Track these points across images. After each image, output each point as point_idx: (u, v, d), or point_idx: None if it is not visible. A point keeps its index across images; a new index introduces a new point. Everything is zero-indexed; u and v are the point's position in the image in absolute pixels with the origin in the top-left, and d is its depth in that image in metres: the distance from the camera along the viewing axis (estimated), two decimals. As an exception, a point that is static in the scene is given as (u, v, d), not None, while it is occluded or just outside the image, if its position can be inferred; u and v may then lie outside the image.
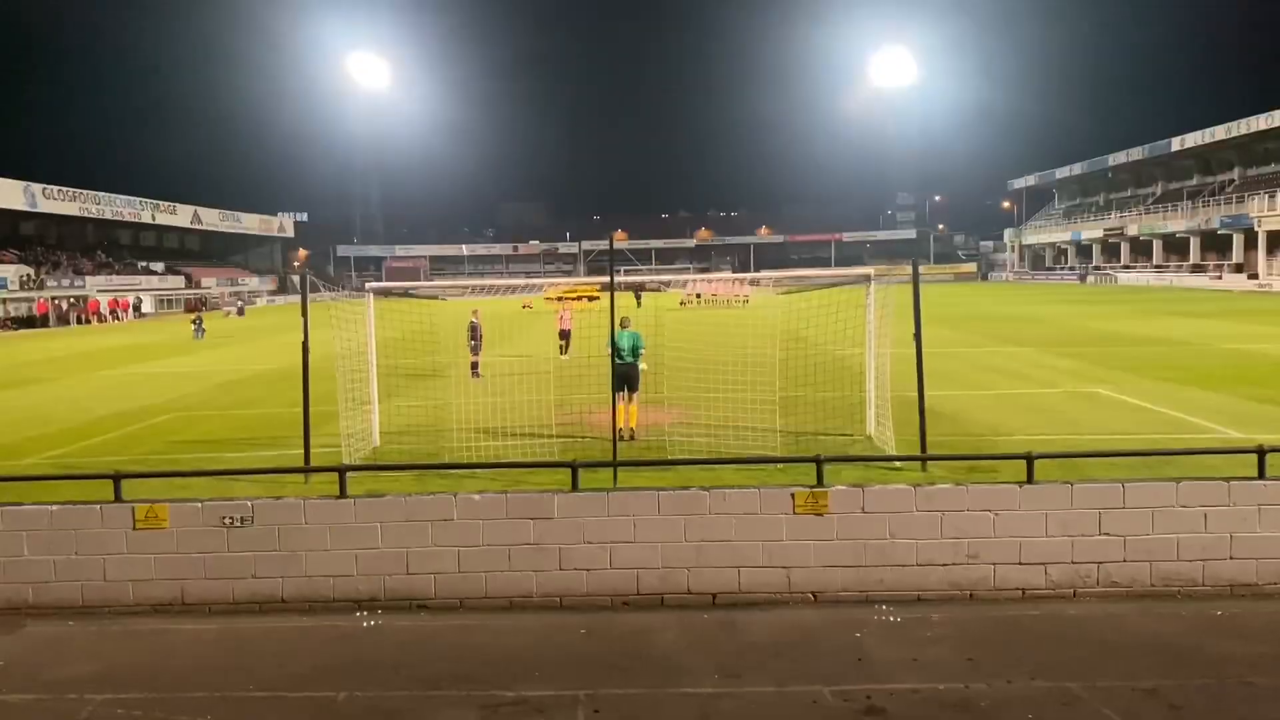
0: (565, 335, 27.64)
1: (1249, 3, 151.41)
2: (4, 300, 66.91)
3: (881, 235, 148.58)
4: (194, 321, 48.60)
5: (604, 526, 8.86)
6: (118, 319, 73.52)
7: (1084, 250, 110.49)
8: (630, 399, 15.44)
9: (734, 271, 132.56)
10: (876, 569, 8.77)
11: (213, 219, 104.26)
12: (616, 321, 12.43)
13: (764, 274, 20.11)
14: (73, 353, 39.11)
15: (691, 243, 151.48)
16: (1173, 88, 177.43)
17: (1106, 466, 11.75)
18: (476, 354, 24.44)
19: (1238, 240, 79.73)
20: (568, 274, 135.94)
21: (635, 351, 15.65)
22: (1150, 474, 10.28)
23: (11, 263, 71.91)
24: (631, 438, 15.26)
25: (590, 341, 15.42)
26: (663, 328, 16.82)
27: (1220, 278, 77.70)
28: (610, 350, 14.30)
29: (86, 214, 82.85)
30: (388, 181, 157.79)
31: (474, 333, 24.32)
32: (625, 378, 15.13)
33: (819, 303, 16.03)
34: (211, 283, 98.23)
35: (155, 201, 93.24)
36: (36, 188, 75.42)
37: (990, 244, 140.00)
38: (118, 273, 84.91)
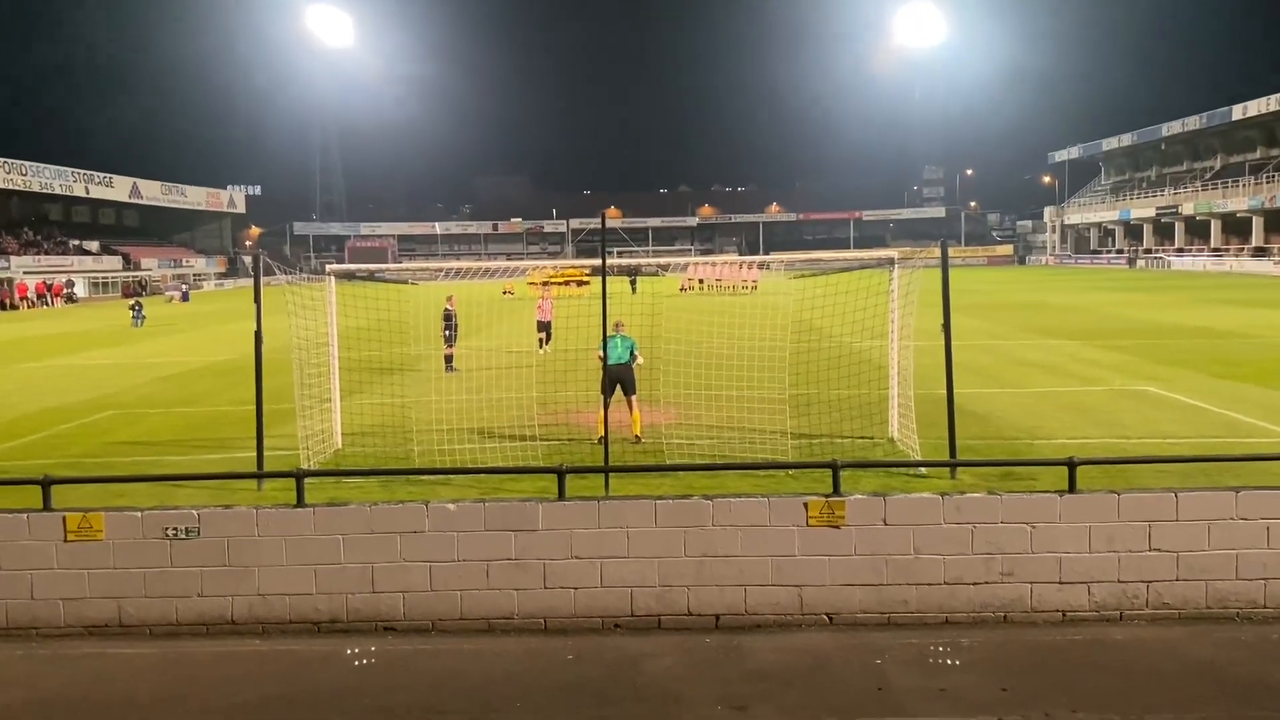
0: (545, 327, 27.54)
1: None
2: (-83, 283, 66.70)
3: (906, 214, 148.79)
4: (133, 307, 48.51)
5: (594, 539, 8.85)
6: (48, 304, 73.33)
7: (1133, 231, 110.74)
8: (630, 401, 15.45)
9: (740, 254, 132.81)
10: (899, 588, 8.78)
11: (154, 192, 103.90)
12: (609, 320, 12.36)
13: (774, 256, 20.06)
14: (-4, 342, 38.99)
15: (693, 221, 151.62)
16: (1234, 48, 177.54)
17: (1156, 474, 11.77)
18: (451, 345, 24.42)
19: (1306, 221, 80.00)
20: (554, 256, 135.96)
21: (629, 352, 15.66)
22: (1206, 482, 10.31)
23: (-75, 241, 71.68)
24: (636, 442, 15.28)
25: (578, 333, 15.40)
26: (660, 317, 16.81)
27: (1285, 263, 77.97)
28: (600, 354, 14.27)
29: (11, 186, 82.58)
30: (351, 152, 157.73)
31: (448, 321, 24.29)
32: (618, 379, 15.13)
33: (836, 289, 16.04)
34: (152, 264, 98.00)
35: (89, 173, 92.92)
36: (-49, 156, 75.18)
37: (1028, 224, 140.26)
38: (47, 252, 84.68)
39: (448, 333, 24.26)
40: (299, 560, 8.85)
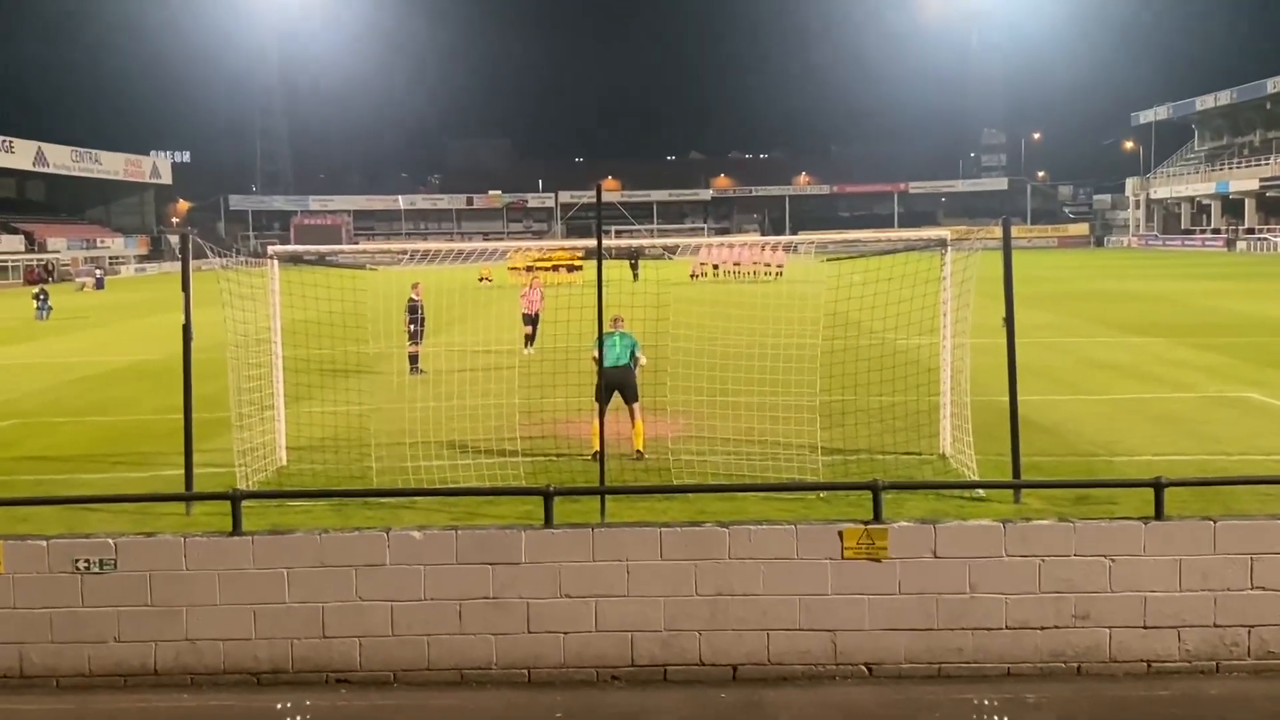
0: (532, 322, 27.51)
1: None
2: None
3: (961, 186, 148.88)
4: (36, 296, 48.55)
5: (587, 574, 8.84)
6: (-65, 293, 73.43)
7: (1232, 207, 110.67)
8: (631, 410, 15.44)
9: (763, 233, 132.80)
10: (952, 633, 8.77)
11: (63, 159, 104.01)
12: (605, 313, 12.34)
13: (803, 237, 20.01)
14: (-126, 338, 39.04)
15: (707, 194, 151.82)
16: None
17: (1260, 497, 11.75)
18: (417, 343, 24.40)
19: None
20: (539, 236, 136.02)
21: (630, 352, 15.65)
22: (1319, 507, 10.28)
23: None
24: (639, 458, 15.28)
25: (569, 328, 15.41)
26: (667, 309, 16.81)
27: None
28: (595, 354, 14.24)
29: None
30: (298, 112, 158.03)
31: (414, 314, 24.28)
32: (616, 384, 15.12)
33: (876, 276, 16.00)
34: (61, 244, 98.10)
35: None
36: None
37: (1107, 198, 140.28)
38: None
39: (413, 328, 24.23)
40: (235, 598, 8.84)
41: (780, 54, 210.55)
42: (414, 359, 24.30)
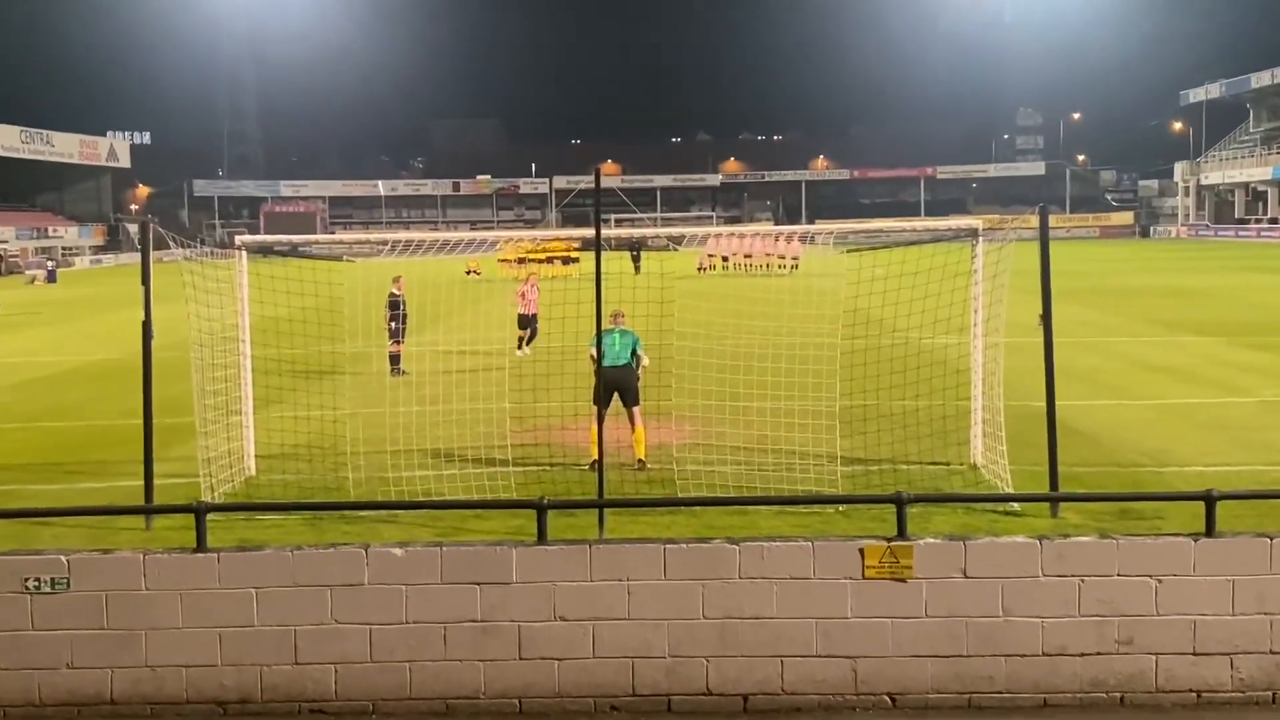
0: (529, 322, 27.40)
1: None
2: None
3: (993, 171, 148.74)
4: (-17, 291, 48.56)
5: (584, 596, 8.84)
6: None
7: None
8: (632, 415, 15.45)
9: (776, 222, 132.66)
10: (984, 660, 8.76)
11: (11, 141, 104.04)
12: (605, 308, 12.35)
13: (820, 226, 20.02)
14: None
15: (715, 179, 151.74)
16: None
17: (1321, 512, 11.72)
18: (399, 341, 24.40)
19: None
20: (532, 225, 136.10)
21: (631, 351, 15.65)
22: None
23: None
24: (641, 468, 15.29)
25: (564, 325, 15.41)
26: (672, 305, 16.79)
27: None
28: (594, 353, 14.24)
29: None
30: (269, 89, 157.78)
31: (395, 310, 24.29)
32: (616, 386, 15.13)
33: (901, 269, 16.00)
34: (9, 234, 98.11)
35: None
36: None
37: (1153, 184, 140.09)
38: None
39: (394, 325, 24.23)
40: (199, 621, 8.84)
41: (795, 26, 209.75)
42: (395, 359, 24.28)
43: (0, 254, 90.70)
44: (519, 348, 26.57)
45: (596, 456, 12.68)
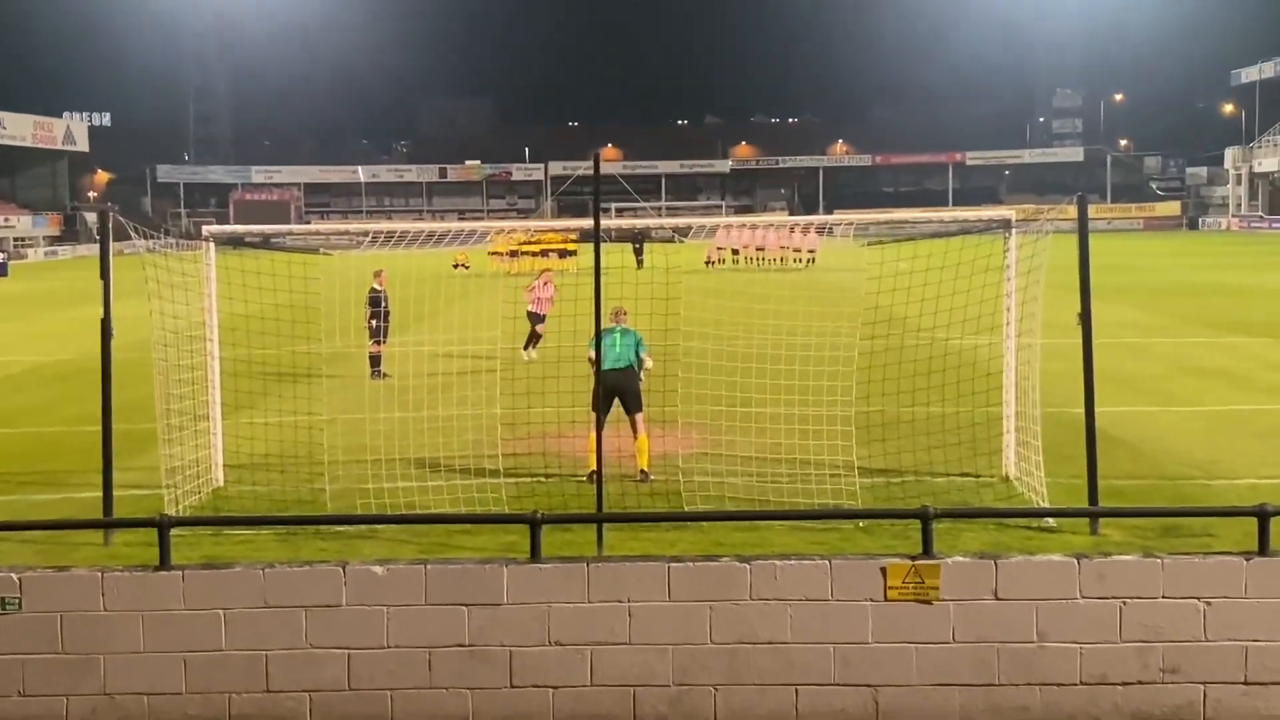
0: (538, 322, 27.07)
1: None
2: None
3: (1028, 157, 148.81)
4: (-72, 286, 48.59)
5: (582, 618, 8.84)
6: None
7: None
8: (634, 421, 15.46)
9: (791, 212, 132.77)
10: (1016, 689, 8.76)
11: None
12: (604, 306, 12.34)
13: (839, 216, 20.05)
14: None
15: (725, 166, 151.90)
16: None
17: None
18: (380, 341, 24.40)
19: None
20: (526, 215, 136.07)
21: (633, 352, 15.65)
22: None
23: None
24: (643, 480, 15.31)
25: (559, 323, 15.42)
26: (677, 302, 16.78)
27: None
28: (592, 354, 14.24)
29: None
30: (239, 67, 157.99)
31: (377, 307, 24.29)
32: (616, 390, 15.14)
33: (927, 263, 15.99)
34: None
35: None
36: None
37: (1202, 171, 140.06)
38: None
39: (375, 323, 24.23)
40: (163, 645, 8.85)
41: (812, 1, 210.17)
42: (376, 360, 24.29)
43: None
44: (527, 346, 26.43)
45: (595, 467, 12.66)
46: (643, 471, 15.43)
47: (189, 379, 15.03)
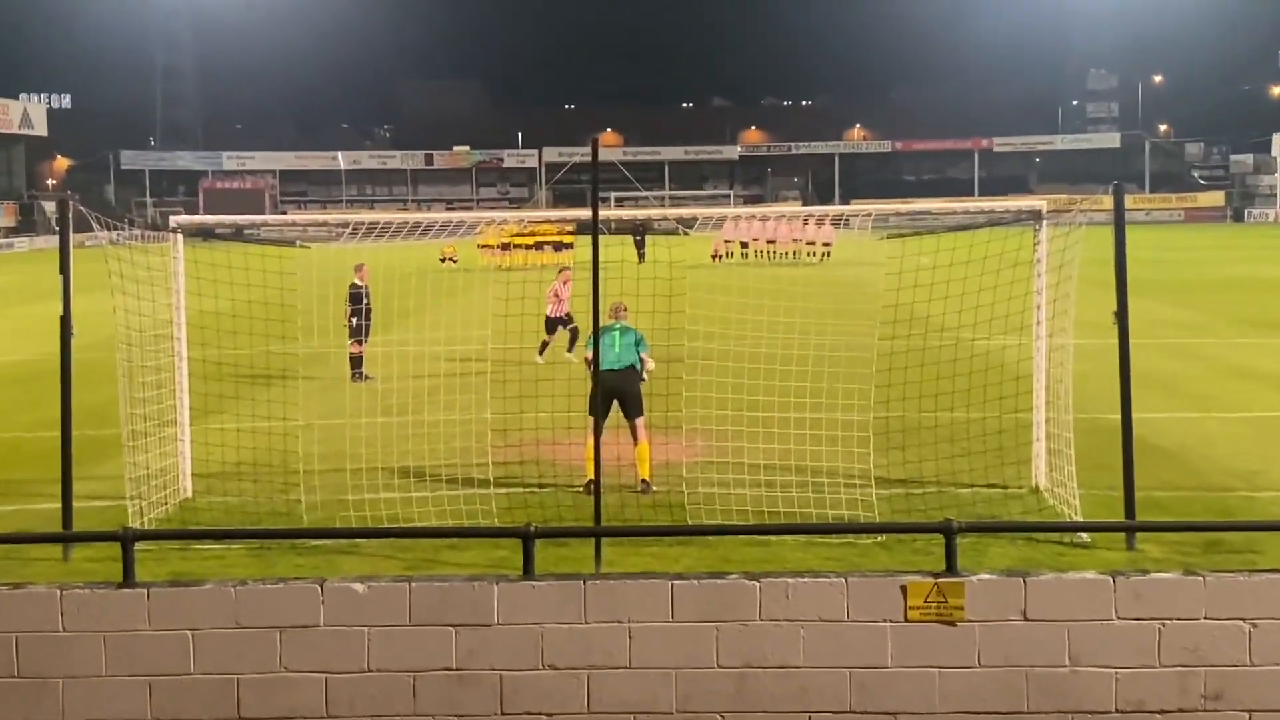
0: (563, 323, 26.44)
1: None
2: None
3: (1060, 143, 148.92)
4: (-125, 281, 48.59)
5: (578, 640, 8.83)
6: None
7: None
8: (634, 427, 15.48)
9: (805, 202, 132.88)
10: (1047, 717, 8.73)
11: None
12: (603, 302, 12.34)
13: (856, 207, 20.05)
14: None
15: (734, 152, 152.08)
16: None
17: None
18: (362, 341, 24.40)
19: None
20: (518, 204, 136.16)
21: (634, 352, 15.67)
22: None
23: None
24: (645, 490, 15.34)
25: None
26: (682, 299, 16.80)
27: None
28: (589, 354, 14.26)
29: None
30: (209, 45, 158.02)
31: (358, 304, 24.29)
32: (615, 392, 15.16)
33: (951, 257, 16.01)
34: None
35: None
36: None
37: (1248, 158, 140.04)
38: None
39: (355, 321, 24.23)
40: (125, 668, 8.84)
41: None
42: (357, 362, 24.29)
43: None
44: (540, 354, 26.22)
45: (593, 476, 12.68)
46: (644, 481, 15.43)
47: (155, 381, 15.02)
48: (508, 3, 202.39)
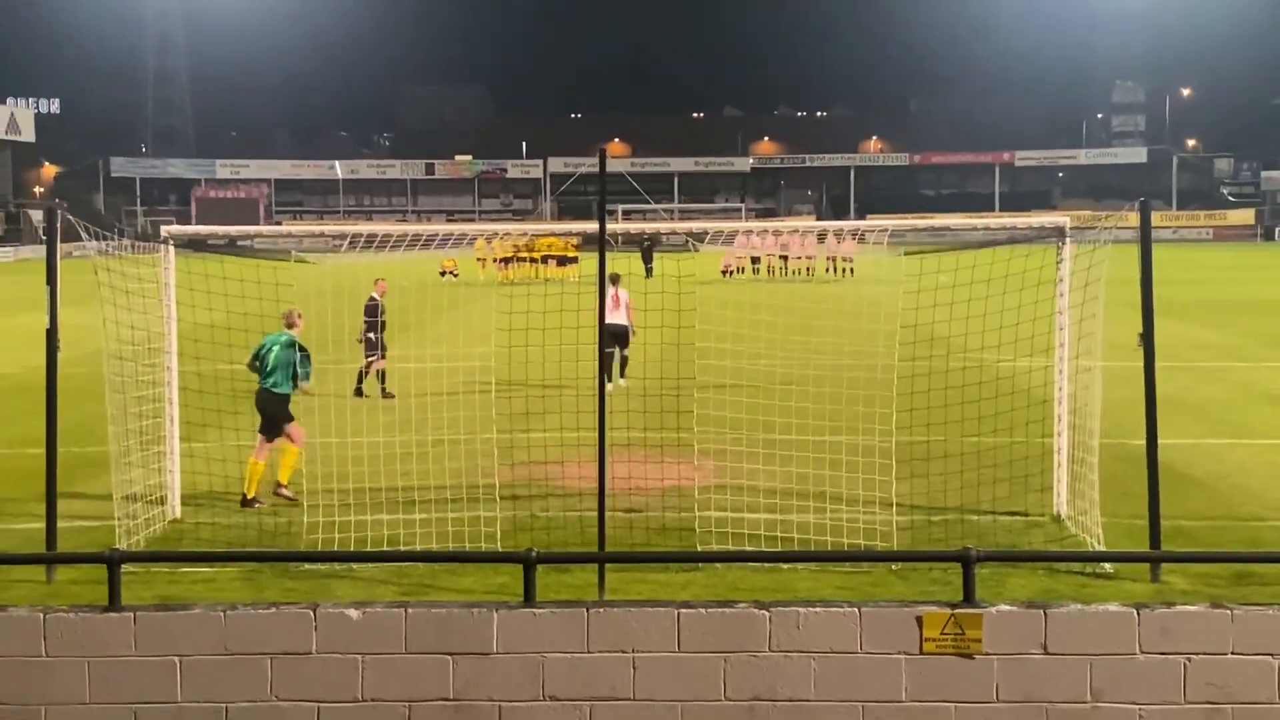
0: (622, 344, 26.05)
1: None
2: None
3: (1084, 158, 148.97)
4: None
5: (581, 670, 8.82)
6: None
7: None
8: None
9: (819, 217, 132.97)
10: (1069, 755, 8.72)
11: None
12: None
13: (873, 222, 20.02)
14: None
15: (746, 164, 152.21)
16: None
17: None
18: (379, 356, 24.59)
19: None
20: (522, 216, 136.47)
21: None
22: None
23: None
24: (278, 490, 16.01)
25: (559, 334, 15.44)
26: (690, 315, 16.79)
27: None
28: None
29: None
30: (203, 49, 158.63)
31: (373, 317, 24.45)
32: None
33: (971, 275, 15.99)
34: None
35: None
36: None
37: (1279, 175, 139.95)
38: None
39: (371, 335, 24.43)
40: (110, 695, 8.83)
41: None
42: (381, 377, 24.62)
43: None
44: (619, 375, 25.87)
45: (600, 491, 12.66)
46: (278, 483, 16.10)
47: (145, 396, 15.04)
48: (512, 8, 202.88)
